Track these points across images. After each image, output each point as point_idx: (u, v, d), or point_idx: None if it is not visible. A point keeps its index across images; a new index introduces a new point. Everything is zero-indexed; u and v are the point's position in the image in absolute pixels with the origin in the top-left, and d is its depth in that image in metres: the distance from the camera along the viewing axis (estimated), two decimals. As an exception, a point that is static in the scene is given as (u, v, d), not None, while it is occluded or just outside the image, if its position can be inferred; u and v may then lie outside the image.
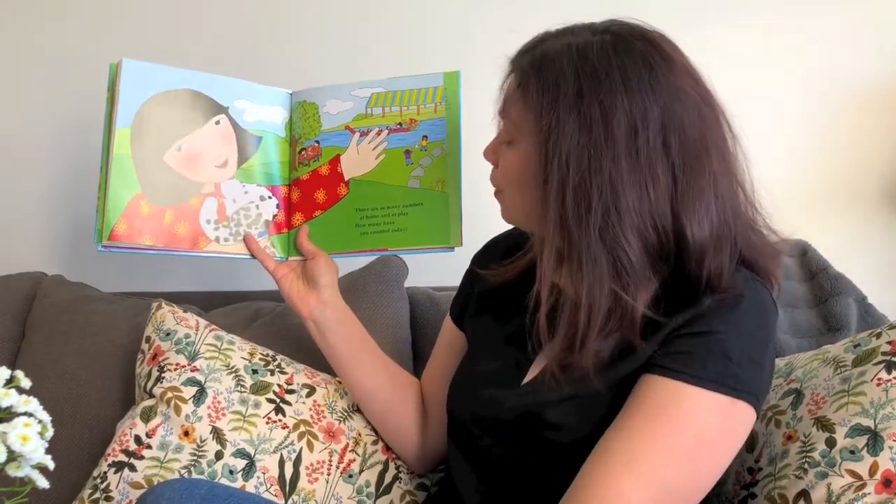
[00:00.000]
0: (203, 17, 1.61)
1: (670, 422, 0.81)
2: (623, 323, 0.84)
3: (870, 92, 1.61)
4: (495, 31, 1.01)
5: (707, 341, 0.83)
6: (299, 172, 1.16)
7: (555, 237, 0.86)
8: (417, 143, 1.12)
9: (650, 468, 0.80)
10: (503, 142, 0.94)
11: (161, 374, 1.14)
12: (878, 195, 1.63)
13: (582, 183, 0.83)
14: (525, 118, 0.88)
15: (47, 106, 1.61)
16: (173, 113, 1.09)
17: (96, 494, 1.09)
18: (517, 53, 0.92)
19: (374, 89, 1.15)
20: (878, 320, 1.33)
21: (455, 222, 1.10)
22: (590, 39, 0.86)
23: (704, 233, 0.84)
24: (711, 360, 0.82)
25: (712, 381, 0.81)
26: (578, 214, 0.83)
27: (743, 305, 0.84)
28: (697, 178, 0.85)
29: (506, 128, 0.93)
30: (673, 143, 0.84)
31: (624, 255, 0.83)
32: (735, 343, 0.83)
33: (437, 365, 1.15)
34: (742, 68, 1.59)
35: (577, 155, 0.83)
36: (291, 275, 1.13)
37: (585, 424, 0.87)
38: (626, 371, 0.86)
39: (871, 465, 0.87)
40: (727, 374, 0.82)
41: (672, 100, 0.84)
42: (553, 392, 0.89)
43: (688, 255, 0.85)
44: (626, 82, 0.83)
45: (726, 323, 0.83)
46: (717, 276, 0.85)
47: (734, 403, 0.82)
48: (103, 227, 1.03)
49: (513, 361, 0.97)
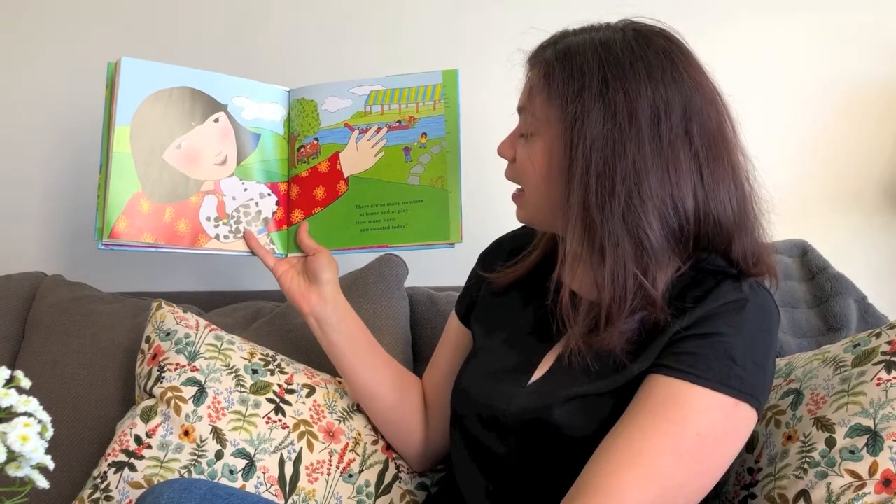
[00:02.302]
0: (201, 15, 1.61)
1: (674, 420, 0.82)
2: (646, 301, 0.86)
3: (870, 92, 1.61)
4: (494, 30, 1.01)
5: (712, 343, 0.84)
6: (298, 169, 1.16)
7: (577, 224, 0.87)
8: (416, 140, 1.13)
9: (653, 465, 0.81)
10: (521, 135, 0.95)
11: (161, 373, 1.14)
12: (878, 195, 1.63)
13: (606, 168, 0.85)
14: (549, 108, 0.90)
15: (47, 106, 1.61)
16: (172, 111, 1.09)
17: (96, 494, 1.09)
18: (538, 48, 0.94)
19: (373, 87, 1.15)
20: (878, 320, 1.33)
21: (455, 218, 1.10)
22: (612, 35, 0.89)
23: (730, 218, 0.87)
24: (716, 361, 0.83)
25: (717, 382, 0.83)
26: (602, 198, 0.85)
27: (748, 308, 0.86)
28: (718, 166, 0.87)
29: (526, 121, 0.94)
30: (695, 132, 0.86)
31: (646, 238, 0.84)
32: (739, 346, 0.84)
33: (442, 363, 1.15)
34: (742, 68, 1.59)
35: (601, 140, 0.85)
36: (292, 272, 1.13)
37: (590, 424, 0.87)
38: (634, 373, 0.87)
39: (871, 465, 0.87)
40: (731, 376, 0.83)
41: (692, 92, 0.87)
42: (559, 391, 0.90)
43: (718, 241, 0.88)
44: (650, 72, 0.86)
45: (731, 325, 0.85)
46: (746, 258, 0.88)
47: (737, 405, 0.83)
48: (104, 225, 1.03)
49: (519, 360, 0.98)
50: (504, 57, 0.98)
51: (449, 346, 1.14)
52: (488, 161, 1.04)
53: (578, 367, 0.90)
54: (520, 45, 0.95)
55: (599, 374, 0.89)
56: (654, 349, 0.87)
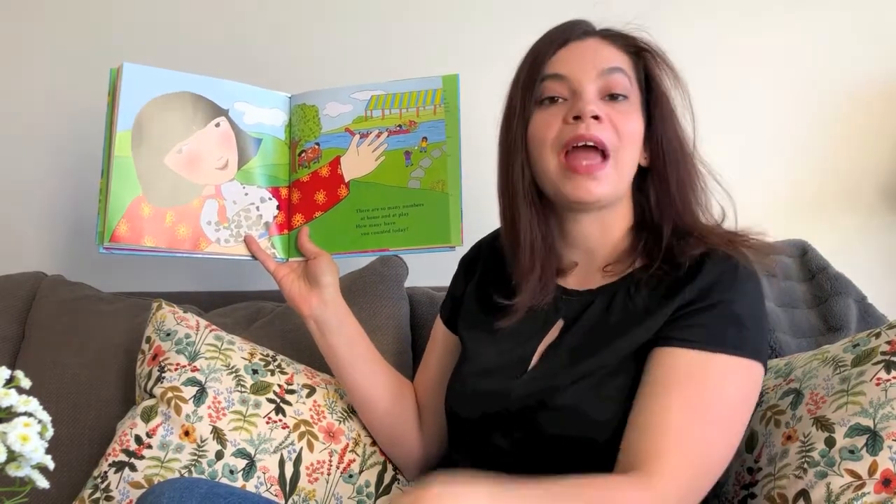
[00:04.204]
0: (203, 21, 1.62)
1: (702, 390, 0.86)
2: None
3: (870, 92, 1.61)
4: (494, 35, 1.01)
5: (720, 311, 0.89)
6: (299, 174, 1.16)
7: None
8: (417, 144, 1.13)
9: (692, 439, 0.84)
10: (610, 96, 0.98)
11: (161, 374, 1.14)
12: (878, 195, 1.63)
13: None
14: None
15: (48, 108, 1.62)
16: (174, 116, 1.09)
17: (96, 494, 1.09)
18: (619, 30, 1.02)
19: (373, 92, 1.15)
20: (878, 320, 1.33)
21: (456, 222, 1.10)
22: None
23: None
24: (727, 327, 0.88)
25: (732, 347, 0.88)
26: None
27: (740, 270, 0.91)
28: None
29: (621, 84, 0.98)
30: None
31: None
32: (743, 306, 0.90)
33: (431, 370, 1.15)
34: (742, 68, 1.59)
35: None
36: (292, 275, 1.13)
37: (596, 402, 0.89)
38: (637, 342, 0.90)
39: (871, 465, 0.87)
40: (742, 339, 0.88)
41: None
42: (560, 375, 0.92)
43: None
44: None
45: (732, 290, 0.90)
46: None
47: (751, 364, 0.89)
48: (105, 229, 1.03)
49: (514, 353, 0.98)
50: (504, 62, 0.98)
51: (439, 353, 1.14)
52: (488, 165, 1.05)
53: (574, 348, 0.94)
54: (504, 54, 0.97)
55: (596, 351, 0.92)
56: (658, 319, 0.90)
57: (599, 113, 0.94)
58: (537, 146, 0.97)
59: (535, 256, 0.99)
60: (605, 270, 0.99)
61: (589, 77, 0.96)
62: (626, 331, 0.92)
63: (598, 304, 0.97)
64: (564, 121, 0.96)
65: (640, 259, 0.98)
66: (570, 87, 0.96)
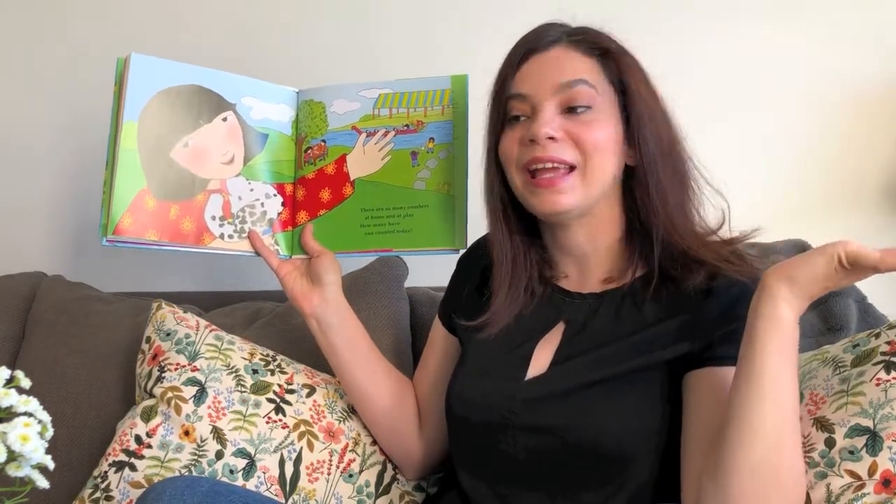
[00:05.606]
0: (211, 13, 1.61)
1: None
2: None
3: (870, 92, 1.61)
4: (504, 35, 1.01)
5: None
6: (305, 171, 1.16)
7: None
8: (424, 144, 1.12)
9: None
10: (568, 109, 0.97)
11: (161, 373, 1.14)
12: (878, 195, 1.62)
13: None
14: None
15: (48, 106, 1.62)
16: (180, 109, 1.09)
17: (97, 494, 1.09)
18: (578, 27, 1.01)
19: (381, 90, 1.15)
20: (878, 320, 1.33)
21: (460, 225, 1.10)
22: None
23: None
24: None
25: None
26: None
27: (749, 285, 0.90)
28: None
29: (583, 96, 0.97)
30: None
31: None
32: None
33: (430, 372, 1.15)
34: (743, 69, 1.59)
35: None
36: (295, 273, 1.13)
37: (604, 415, 0.89)
38: (662, 358, 0.90)
39: (871, 466, 0.87)
40: None
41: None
42: (562, 380, 0.93)
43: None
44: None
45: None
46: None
47: None
48: (108, 222, 1.03)
49: (514, 353, 0.98)
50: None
51: (438, 355, 1.14)
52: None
53: (586, 354, 0.93)
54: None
55: (611, 360, 0.92)
56: (680, 338, 0.90)
57: (554, 134, 0.94)
58: (506, 164, 0.99)
59: (503, 270, 1.01)
60: (605, 281, 0.99)
61: (546, 94, 0.95)
62: (645, 344, 0.92)
63: (604, 311, 0.97)
64: (521, 143, 0.96)
65: (641, 266, 0.98)
66: (531, 104, 0.97)
